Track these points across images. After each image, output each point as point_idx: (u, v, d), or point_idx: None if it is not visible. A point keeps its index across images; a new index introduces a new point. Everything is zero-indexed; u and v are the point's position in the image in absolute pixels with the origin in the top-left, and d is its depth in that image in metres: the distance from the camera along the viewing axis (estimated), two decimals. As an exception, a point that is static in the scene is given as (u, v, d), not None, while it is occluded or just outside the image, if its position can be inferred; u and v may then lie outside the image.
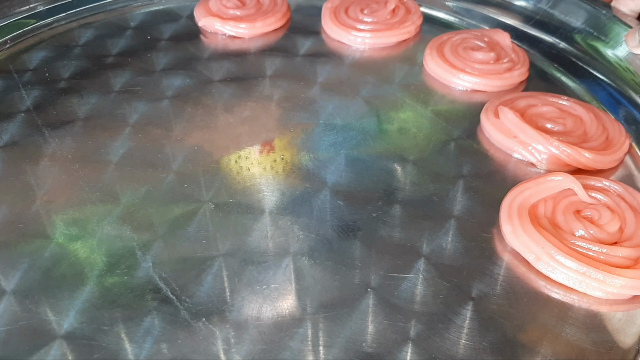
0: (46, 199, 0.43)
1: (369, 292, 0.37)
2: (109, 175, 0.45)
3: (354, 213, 0.42)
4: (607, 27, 0.58)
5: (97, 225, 0.41)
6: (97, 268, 0.38)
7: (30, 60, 0.57)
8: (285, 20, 0.64)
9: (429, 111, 0.52)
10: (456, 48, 0.57)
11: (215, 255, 0.39)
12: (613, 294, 0.37)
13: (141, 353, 0.33)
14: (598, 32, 0.58)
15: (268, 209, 0.42)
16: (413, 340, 0.34)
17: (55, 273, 0.38)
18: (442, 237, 0.40)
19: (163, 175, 0.45)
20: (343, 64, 0.58)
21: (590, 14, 0.59)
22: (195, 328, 0.35)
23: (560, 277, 0.37)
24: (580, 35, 0.60)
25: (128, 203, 0.42)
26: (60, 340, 0.34)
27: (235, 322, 0.35)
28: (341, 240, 0.40)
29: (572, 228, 0.39)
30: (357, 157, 0.47)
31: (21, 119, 0.50)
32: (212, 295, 0.36)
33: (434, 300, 0.36)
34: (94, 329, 0.35)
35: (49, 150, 0.47)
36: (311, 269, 0.38)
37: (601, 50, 0.57)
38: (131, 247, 0.39)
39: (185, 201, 0.43)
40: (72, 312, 0.35)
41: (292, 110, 0.51)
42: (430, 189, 0.44)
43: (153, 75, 0.55)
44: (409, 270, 0.38)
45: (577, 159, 0.45)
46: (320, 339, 0.34)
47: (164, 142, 0.48)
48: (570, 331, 0.35)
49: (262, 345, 0.34)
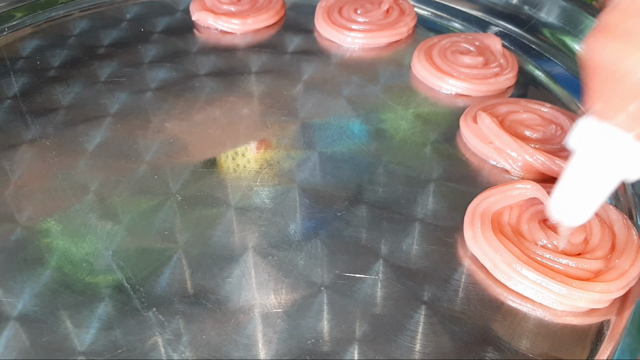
0: (19, 184, 0.44)
1: (322, 290, 0.37)
2: (82, 163, 0.45)
3: (319, 212, 0.42)
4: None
5: (64, 212, 0.41)
6: (58, 254, 0.39)
7: (24, 49, 0.59)
8: (278, 18, 0.64)
9: (410, 113, 0.51)
10: (445, 51, 0.57)
11: (175, 247, 0.39)
12: (569, 305, 0.36)
13: (87, 338, 0.34)
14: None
15: (234, 203, 0.42)
16: (359, 341, 0.34)
17: (17, 257, 0.39)
18: (404, 239, 0.40)
19: (135, 166, 0.45)
20: (330, 63, 0.58)
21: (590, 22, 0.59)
22: (145, 317, 0.35)
23: (517, 286, 0.37)
24: (573, 40, 0.59)
25: (97, 192, 0.43)
26: (13, 322, 0.35)
27: (185, 313, 0.35)
28: (302, 238, 0.40)
29: (535, 237, 0.39)
30: (330, 156, 0.47)
31: (7, 105, 0.51)
32: (167, 286, 0.37)
33: (385, 302, 0.36)
34: (47, 312, 0.35)
35: (29, 137, 0.48)
36: (267, 264, 0.38)
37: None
38: (94, 235, 0.40)
39: (153, 192, 0.43)
40: (27, 295, 0.36)
41: (272, 106, 0.52)
42: (399, 191, 0.44)
43: (140, 67, 0.56)
44: (365, 271, 0.38)
45: (551, 168, 0.44)
46: (267, 335, 0.34)
47: (140, 133, 0.48)
48: (521, 341, 0.35)
49: (209, 338, 0.34)
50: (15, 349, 0.34)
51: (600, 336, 0.35)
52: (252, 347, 0.34)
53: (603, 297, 0.36)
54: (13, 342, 0.34)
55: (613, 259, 0.37)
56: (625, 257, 0.37)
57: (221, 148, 0.47)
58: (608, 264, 0.37)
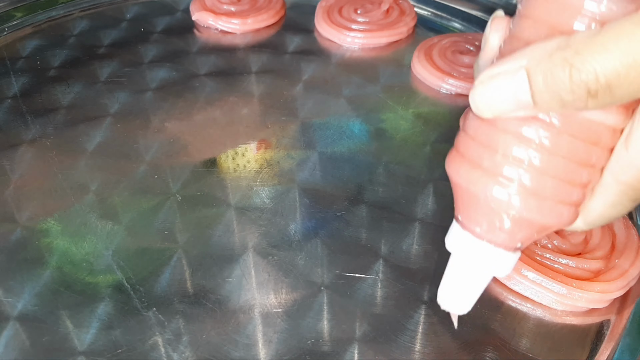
0: (19, 184, 0.44)
1: (322, 290, 0.37)
2: (82, 163, 0.45)
3: (319, 211, 0.42)
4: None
5: (64, 212, 0.41)
6: (58, 253, 0.39)
7: (24, 49, 0.59)
8: (278, 18, 0.64)
9: (410, 113, 0.51)
10: (445, 51, 0.57)
11: (175, 247, 0.39)
12: (569, 305, 0.36)
13: (86, 338, 0.34)
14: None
15: (234, 203, 0.42)
16: (359, 341, 0.34)
17: (18, 257, 0.39)
18: (404, 239, 0.40)
19: (135, 166, 0.45)
20: (330, 63, 0.58)
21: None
22: (144, 317, 0.35)
23: (516, 286, 0.37)
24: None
25: (97, 192, 0.43)
26: (13, 322, 0.35)
27: (185, 313, 0.35)
28: (302, 238, 0.40)
29: (535, 237, 0.39)
30: (330, 156, 0.47)
31: (7, 105, 0.51)
32: (167, 286, 0.37)
33: (385, 302, 0.36)
34: (47, 312, 0.35)
35: (29, 137, 0.48)
36: (267, 264, 0.38)
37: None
38: (94, 235, 0.40)
39: (153, 192, 0.43)
40: (28, 295, 0.36)
41: (272, 106, 0.52)
42: (399, 191, 0.44)
43: (140, 67, 0.56)
44: (365, 271, 0.38)
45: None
46: (267, 335, 0.34)
47: (141, 133, 0.48)
48: (521, 341, 0.35)
49: (209, 337, 0.34)
50: (15, 348, 0.34)
51: (600, 336, 0.35)
52: (252, 347, 0.34)
53: (603, 297, 0.36)
54: (13, 342, 0.34)
55: (613, 258, 0.37)
56: (625, 257, 0.37)
57: (221, 148, 0.47)
58: (608, 264, 0.37)
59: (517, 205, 0.23)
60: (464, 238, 0.25)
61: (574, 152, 0.23)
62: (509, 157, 0.23)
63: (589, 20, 0.21)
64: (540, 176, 0.23)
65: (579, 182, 0.23)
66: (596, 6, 0.21)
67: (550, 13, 0.22)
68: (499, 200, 0.23)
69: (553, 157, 0.23)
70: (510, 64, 0.22)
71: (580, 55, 0.20)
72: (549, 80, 0.21)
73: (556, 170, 0.23)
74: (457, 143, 0.26)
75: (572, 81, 0.20)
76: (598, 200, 0.24)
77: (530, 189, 0.23)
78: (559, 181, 0.23)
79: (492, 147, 0.23)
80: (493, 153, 0.23)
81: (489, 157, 0.23)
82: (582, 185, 0.24)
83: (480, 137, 0.24)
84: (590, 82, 0.20)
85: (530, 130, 0.23)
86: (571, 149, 0.23)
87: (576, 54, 0.20)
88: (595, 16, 0.21)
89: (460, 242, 0.25)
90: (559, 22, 0.22)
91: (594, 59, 0.19)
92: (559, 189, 0.23)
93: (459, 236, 0.26)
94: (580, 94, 0.20)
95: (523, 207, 0.23)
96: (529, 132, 0.23)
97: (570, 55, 0.20)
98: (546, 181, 0.23)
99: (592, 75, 0.20)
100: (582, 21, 0.22)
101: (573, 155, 0.23)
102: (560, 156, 0.23)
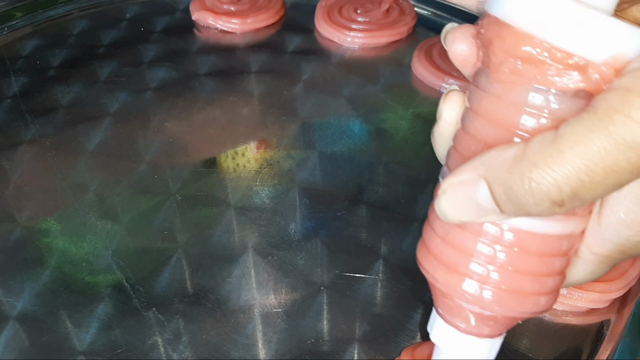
0: (19, 183, 0.44)
1: (322, 290, 0.37)
2: (82, 163, 0.45)
3: (318, 211, 0.42)
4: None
5: (64, 212, 0.41)
6: (57, 253, 0.39)
7: (24, 48, 0.59)
8: (278, 17, 0.64)
9: (410, 113, 0.51)
10: (445, 51, 0.57)
11: (175, 247, 0.39)
12: (569, 305, 0.36)
13: (86, 338, 0.34)
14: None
15: (234, 203, 0.42)
16: (359, 341, 0.34)
17: (17, 257, 0.39)
18: (404, 239, 0.40)
19: (135, 165, 0.45)
20: (330, 62, 0.58)
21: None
22: (144, 317, 0.35)
23: (516, 285, 0.37)
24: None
25: (97, 192, 0.43)
26: (13, 322, 0.35)
27: (185, 313, 0.35)
28: (302, 238, 0.40)
29: (535, 237, 0.39)
30: (330, 155, 0.47)
31: (7, 104, 0.51)
32: (167, 286, 0.37)
33: (385, 302, 0.36)
34: (46, 312, 0.35)
35: (29, 136, 0.48)
36: (267, 264, 0.38)
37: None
38: (94, 235, 0.40)
39: (153, 192, 0.43)
40: (27, 295, 0.36)
41: (272, 106, 0.52)
42: (399, 191, 0.44)
43: (140, 67, 0.56)
44: (365, 271, 0.38)
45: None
46: (267, 335, 0.34)
47: (140, 132, 0.48)
48: (521, 341, 0.35)
49: (209, 337, 0.34)
50: (15, 348, 0.34)
51: (600, 336, 0.35)
52: (252, 347, 0.34)
53: (603, 297, 0.36)
54: (13, 342, 0.34)
55: (613, 258, 0.37)
56: (625, 257, 0.37)
57: (221, 148, 0.47)
58: (608, 264, 0.37)
59: (500, 304, 0.23)
60: (448, 332, 0.25)
61: (545, 247, 0.22)
62: (481, 257, 0.22)
63: (539, 118, 0.20)
64: (513, 275, 0.22)
65: (553, 271, 0.23)
66: (545, 103, 0.20)
67: (499, 112, 0.21)
68: (480, 300, 0.23)
69: (525, 255, 0.22)
70: (469, 174, 0.21)
71: (539, 168, 0.19)
72: (510, 194, 0.20)
73: (528, 267, 0.22)
74: (427, 240, 0.25)
75: (534, 195, 0.19)
76: (577, 269, 0.24)
77: (507, 288, 0.22)
78: (532, 277, 0.23)
79: (464, 251, 0.23)
80: (466, 256, 0.23)
81: (462, 261, 0.23)
82: (557, 272, 0.23)
83: (452, 240, 0.23)
84: (553, 194, 0.19)
85: (498, 232, 0.22)
86: (542, 245, 0.22)
87: (534, 167, 0.19)
88: (544, 113, 0.20)
89: (446, 336, 0.25)
90: (511, 121, 0.21)
91: (553, 170, 0.18)
92: (533, 283, 0.23)
93: (443, 330, 0.25)
94: (545, 205, 0.19)
95: (506, 305, 0.23)
96: (497, 234, 0.22)
97: (528, 169, 0.19)
98: (520, 278, 0.22)
99: (554, 188, 0.18)
100: (532, 119, 0.20)
101: (544, 251, 0.22)
102: (532, 254, 0.22)
